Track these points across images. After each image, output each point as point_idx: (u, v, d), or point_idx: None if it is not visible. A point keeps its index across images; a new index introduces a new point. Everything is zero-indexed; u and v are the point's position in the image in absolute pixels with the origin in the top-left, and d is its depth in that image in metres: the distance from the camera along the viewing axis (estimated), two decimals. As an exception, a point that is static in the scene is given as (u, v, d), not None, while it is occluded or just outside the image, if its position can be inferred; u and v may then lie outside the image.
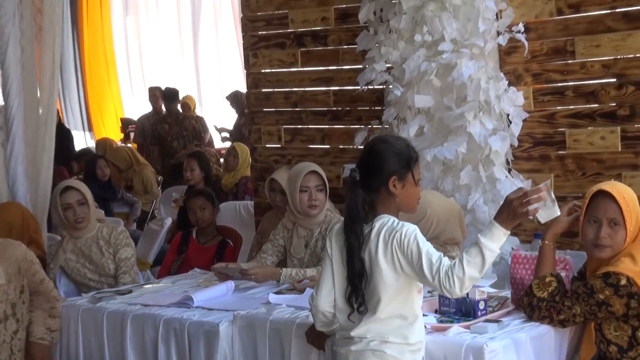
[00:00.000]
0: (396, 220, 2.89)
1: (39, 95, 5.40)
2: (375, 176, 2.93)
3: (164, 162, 10.04)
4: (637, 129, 4.45)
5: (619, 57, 4.47)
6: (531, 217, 2.91)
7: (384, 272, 2.86)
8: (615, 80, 4.49)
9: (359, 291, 2.92)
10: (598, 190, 3.23)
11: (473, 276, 2.77)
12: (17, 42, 5.30)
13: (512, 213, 2.78)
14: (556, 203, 2.95)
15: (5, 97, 5.32)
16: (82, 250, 4.66)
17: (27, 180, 5.33)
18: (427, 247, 2.81)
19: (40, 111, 5.38)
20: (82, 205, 4.61)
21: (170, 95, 10.77)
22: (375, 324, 2.90)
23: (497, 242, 2.78)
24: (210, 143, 10.81)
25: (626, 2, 4.43)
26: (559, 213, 3.01)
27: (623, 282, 3.09)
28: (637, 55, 4.43)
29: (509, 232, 2.80)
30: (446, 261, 2.77)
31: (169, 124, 10.41)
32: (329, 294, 3.00)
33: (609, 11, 4.47)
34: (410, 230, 2.84)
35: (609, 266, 3.18)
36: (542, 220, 3.01)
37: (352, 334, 2.95)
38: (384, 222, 2.89)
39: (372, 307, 2.89)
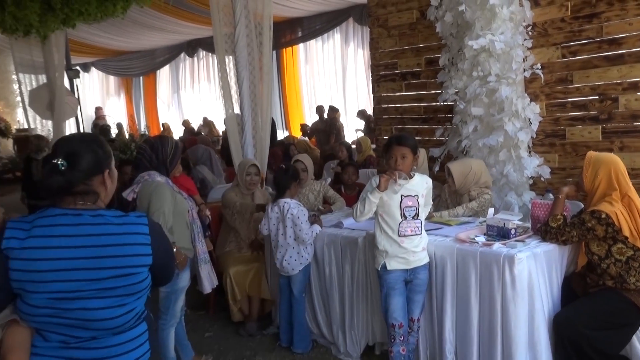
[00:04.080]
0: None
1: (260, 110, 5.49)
2: None
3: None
4: (611, 128, 4.07)
5: (600, 83, 4.08)
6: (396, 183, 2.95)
7: None
8: (598, 97, 4.10)
9: None
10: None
11: (362, 210, 2.99)
12: (248, 80, 5.39)
13: (380, 183, 2.94)
14: (398, 185, 2.96)
15: (241, 110, 5.44)
16: (302, 195, 4.50)
17: (254, 158, 5.45)
18: (365, 191, 3.03)
19: (260, 119, 5.46)
20: (303, 172, 4.48)
21: (334, 108, 11.02)
22: None
23: (374, 196, 2.96)
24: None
25: (605, 49, 4.04)
26: (396, 189, 2.96)
27: (603, 216, 2.87)
28: (612, 82, 4.03)
29: (381, 193, 2.95)
30: (359, 201, 3.02)
31: (329, 125, 10.43)
32: None
33: (594, 55, 4.08)
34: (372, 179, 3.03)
35: (594, 206, 2.95)
36: (390, 190, 2.97)
37: None
38: None
39: None
